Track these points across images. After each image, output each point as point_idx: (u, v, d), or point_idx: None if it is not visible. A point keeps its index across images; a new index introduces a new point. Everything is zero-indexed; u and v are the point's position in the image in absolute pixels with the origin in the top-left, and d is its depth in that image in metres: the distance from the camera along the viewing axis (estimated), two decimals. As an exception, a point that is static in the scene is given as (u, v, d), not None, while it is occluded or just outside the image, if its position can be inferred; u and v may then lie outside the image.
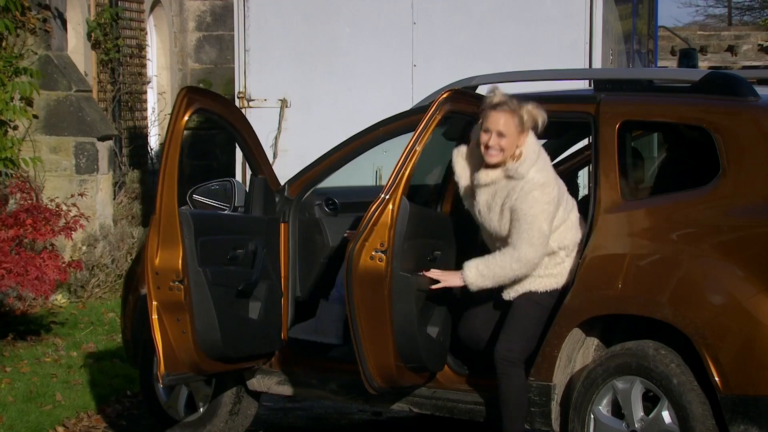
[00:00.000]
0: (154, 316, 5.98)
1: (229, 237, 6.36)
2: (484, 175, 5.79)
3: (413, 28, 10.58)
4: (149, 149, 15.70)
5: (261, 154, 6.72)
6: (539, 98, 5.91)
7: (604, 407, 5.61)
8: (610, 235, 5.64)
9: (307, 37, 10.81)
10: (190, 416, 6.91)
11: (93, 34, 13.71)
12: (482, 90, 6.54)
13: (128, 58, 14.74)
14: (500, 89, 5.81)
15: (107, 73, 14.18)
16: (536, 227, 5.64)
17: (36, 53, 11.08)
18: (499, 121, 5.69)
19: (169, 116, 6.73)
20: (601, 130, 5.78)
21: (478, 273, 5.75)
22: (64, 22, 11.66)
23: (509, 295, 5.86)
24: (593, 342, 5.84)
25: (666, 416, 5.41)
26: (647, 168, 6.37)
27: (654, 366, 5.43)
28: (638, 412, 5.51)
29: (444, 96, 5.76)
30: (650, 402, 5.50)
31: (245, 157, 6.80)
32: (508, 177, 5.73)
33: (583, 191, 6.91)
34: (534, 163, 5.71)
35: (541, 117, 5.74)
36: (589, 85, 6.58)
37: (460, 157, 5.97)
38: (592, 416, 5.63)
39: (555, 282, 5.81)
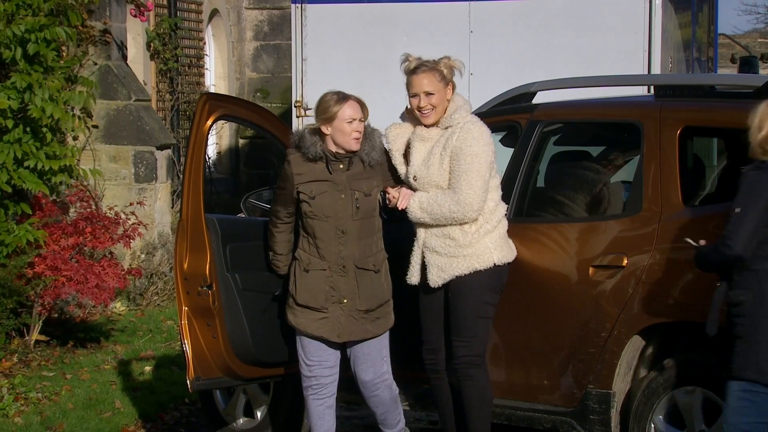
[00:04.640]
0: (184, 321, 6.02)
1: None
2: (421, 134, 5.87)
3: (470, 37, 10.55)
4: (207, 158, 15.79)
5: None
6: (598, 104, 5.85)
7: (664, 417, 5.55)
8: (671, 241, 5.58)
9: (364, 46, 10.81)
10: (247, 424, 6.92)
11: (152, 44, 13.82)
12: (540, 97, 6.52)
13: (186, 68, 14.85)
14: (411, 55, 5.92)
15: (166, 83, 14.29)
16: (475, 168, 5.68)
17: (96, 63, 11.19)
18: (422, 82, 5.82)
19: (190, 123, 6.75)
20: (662, 136, 5.72)
21: (419, 204, 5.82)
22: (123, 32, 11.76)
23: (435, 281, 5.83)
24: (654, 350, 5.77)
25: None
26: (708, 174, 6.29)
27: (716, 377, 5.35)
28: (699, 423, 5.44)
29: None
30: (712, 413, 5.43)
31: None
32: (446, 128, 5.83)
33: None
34: (467, 110, 5.85)
35: (457, 64, 5.89)
36: (648, 91, 6.52)
37: (392, 129, 6.03)
38: (652, 425, 5.57)
39: (477, 263, 5.77)
